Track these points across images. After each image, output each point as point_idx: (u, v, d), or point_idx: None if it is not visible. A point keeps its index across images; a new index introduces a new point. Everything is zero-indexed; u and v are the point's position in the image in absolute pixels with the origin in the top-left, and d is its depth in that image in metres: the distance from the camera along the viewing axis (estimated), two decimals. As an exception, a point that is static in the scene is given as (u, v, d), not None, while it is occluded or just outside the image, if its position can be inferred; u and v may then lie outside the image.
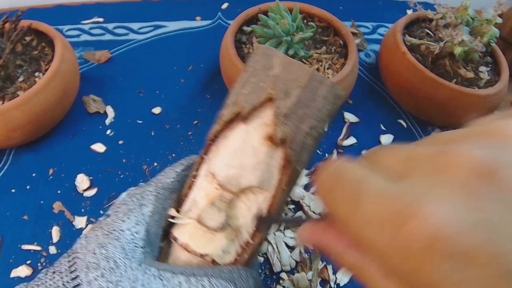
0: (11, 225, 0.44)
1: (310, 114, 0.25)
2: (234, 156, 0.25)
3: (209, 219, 0.25)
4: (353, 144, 0.54)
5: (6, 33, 0.47)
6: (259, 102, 0.25)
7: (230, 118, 0.26)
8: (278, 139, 0.25)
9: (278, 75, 0.25)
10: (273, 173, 0.26)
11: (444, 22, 0.53)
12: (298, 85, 0.25)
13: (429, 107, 0.53)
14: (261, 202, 0.26)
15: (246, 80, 0.26)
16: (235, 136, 0.26)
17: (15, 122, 0.44)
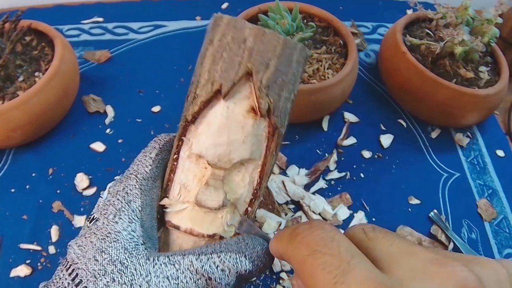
0: (10, 225, 0.44)
1: (288, 80, 0.26)
2: (219, 134, 0.25)
3: (208, 200, 0.25)
4: (353, 144, 0.53)
5: (6, 33, 0.47)
6: (238, 77, 0.24)
7: (208, 98, 0.25)
8: (263, 110, 0.25)
9: (253, 47, 0.25)
10: (261, 142, 0.26)
11: (444, 22, 0.53)
12: (275, 55, 0.25)
13: (429, 107, 0.53)
14: (252, 171, 0.27)
15: (217, 55, 0.25)
16: (215, 114, 0.25)
17: (15, 122, 0.44)
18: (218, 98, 0.25)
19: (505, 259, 0.19)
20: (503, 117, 0.60)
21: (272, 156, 0.27)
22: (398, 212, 0.48)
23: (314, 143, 0.53)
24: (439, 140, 0.56)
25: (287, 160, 0.51)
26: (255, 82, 0.25)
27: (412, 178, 0.51)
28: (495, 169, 0.54)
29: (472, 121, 0.55)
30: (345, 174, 0.51)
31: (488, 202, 0.50)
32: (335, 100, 0.51)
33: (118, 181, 0.26)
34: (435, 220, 0.47)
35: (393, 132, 0.55)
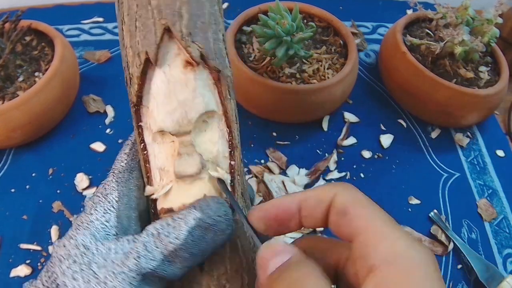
0: (10, 225, 0.44)
1: (206, 20, 0.25)
2: (168, 101, 0.25)
3: (187, 168, 0.25)
4: (353, 144, 0.53)
5: (6, 33, 0.47)
6: (158, 37, 0.24)
7: (142, 70, 0.24)
8: (196, 58, 0.24)
9: (158, 3, 0.24)
10: (211, 91, 0.26)
11: (444, 22, 0.53)
12: (183, 2, 0.24)
13: (429, 107, 0.53)
14: (218, 124, 0.26)
15: (131, 29, 0.25)
16: (157, 84, 0.25)
17: (15, 122, 0.44)
18: (151, 67, 0.25)
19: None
20: (503, 117, 0.60)
21: (228, 101, 0.26)
22: (398, 212, 0.48)
23: (314, 143, 0.53)
24: (439, 140, 0.56)
25: (287, 160, 0.51)
26: (176, 35, 0.24)
27: (412, 178, 0.51)
28: (495, 169, 0.54)
29: (472, 121, 0.55)
30: (345, 174, 0.51)
31: (488, 202, 0.50)
32: (335, 100, 0.51)
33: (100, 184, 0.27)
34: (435, 220, 0.47)
35: (393, 132, 0.55)
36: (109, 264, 0.22)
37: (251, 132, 0.53)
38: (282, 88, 0.47)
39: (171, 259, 0.22)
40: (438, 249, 0.46)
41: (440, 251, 0.45)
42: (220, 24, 0.26)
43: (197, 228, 0.22)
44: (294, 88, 0.47)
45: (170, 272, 0.22)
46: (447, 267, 0.44)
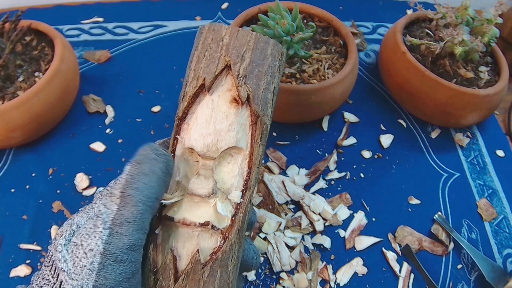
0: (10, 225, 0.44)
1: (264, 71, 0.29)
2: (207, 125, 0.28)
3: (199, 188, 0.27)
4: (353, 144, 0.53)
5: (6, 33, 0.47)
6: (218, 70, 0.28)
7: (195, 92, 0.28)
8: (243, 98, 0.28)
9: (229, 43, 0.28)
10: (245, 131, 0.28)
11: (444, 22, 0.53)
12: (248, 48, 0.28)
13: (429, 107, 0.53)
14: (241, 162, 0.28)
15: (200, 56, 0.29)
16: (203, 108, 0.28)
17: (15, 122, 0.44)
18: (203, 93, 0.28)
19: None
20: (503, 117, 0.60)
21: (257, 145, 0.28)
22: (398, 212, 0.48)
23: (314, 143, 0.53)
24: (439, 140, 0.56)
25: (287, 160, 0.51)
26: (233, 73, 0.28)
27: (412, 178, 0.51)
28: (495, 169, 0.54)
29: (472, 121, 0.55)
30: (345, 174, 0.51)
31: (488, 202, 0.50)
32: (335, 100, 0.51)
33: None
34: (440, 222, 0.47)
35: (393, 132, 0.55)
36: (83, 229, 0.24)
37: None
38: (282, 88, 0.47)
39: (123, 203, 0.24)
40: (438, 249, 0.46)
41: (440, 251, 0.45)
42: (275, 78, 0.30)
43: (132, 168, 0.25)
44: (294, 88, 0.47)
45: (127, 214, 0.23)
46: (447, 267, 0.44)
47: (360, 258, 0.44)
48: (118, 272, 0.22)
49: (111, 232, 0.23)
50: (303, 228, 0.46)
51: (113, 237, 0.23)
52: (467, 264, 0.45)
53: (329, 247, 0.45)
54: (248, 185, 0.28)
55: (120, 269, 0.23)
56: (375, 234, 0.46)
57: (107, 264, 0.22)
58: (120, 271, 0.23)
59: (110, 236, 0.23)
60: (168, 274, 0.25)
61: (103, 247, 0.22)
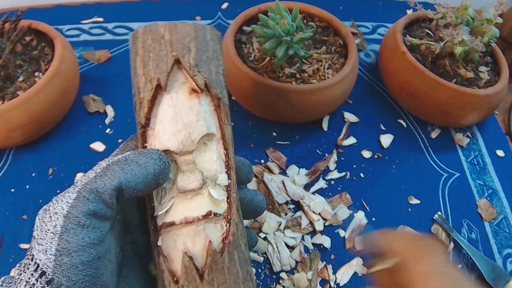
0: (10, 225, 0.44)
1: (210, 56, 0.29)
2: (174, 123, 0.28)
3: (190, 183, 0.27)
4: (353, 144, 0.53)
5: (6, 33, 0.47)
6: (169, 66, 0.28)
7: (153, 95, 0.28)
8: (201, 86, 0.28)
9: (171, 39, 0.28)
10: (212, 116, 0.29)
11: (444, 22, 0.53)
12: (191, 38, 0.29)
13: (429, 107, 0.53)
14: (216, 146, 0.29)
15: (145, 59, 0.28)
16: (164, 108, 0.28)
17: (15, 122, 0.44)
18: (161, 93, 0.28)
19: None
20: (503, 117, 0.60)
21: (226, 126, 0.29)
22: (398, 212, 0.48)
23: (314, 143, 0.53)
24: (439, 140, 0.56)
25: (287, 160, 0.51)
26: (185, 65, 0.28)
27: (412, 178, 0.51)
28: (495, 169, 0.54)
29: (472, 121, 0.55)
30: (345, 174, 0.51)
31: (488, 202, 0.50)
32: (335, 100, 0.51)
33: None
34: (440, 222, 0.47)
35: (393, 132, 0.55)
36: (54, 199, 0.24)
37: (251, 132, 0.53)
38: (282, 88, 0.47)
39: (102, 173, 0.24)
40: (438, 249, 0.46)
41: (440, 251, 0.45)
42: (220, 60, 0.30)
43: (131, 154, 0.26)
44: (294, 88, 0.47)
45: (100, 183, 0.24)
46: (447, 267, 0.45)
47: (360, 258, 0.44)
48: (81, 236, 0.22)
49: (78, 196, 0.23)
50: (303, 228, 0.46)
51: (78, 200, 0.23)
52: (467, 264, 0.45)
53: (329, 247, 0.45)
54: (229, 165, 0.29)
55: (83, 233, 0.22)
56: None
57: (69, 228, 0.22)
58: (83, 235, 0.22)
59: (76, 199, 0.23)
60: (192, 275, 0.25)
61: (67, 210, 0.23)
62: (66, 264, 0.22)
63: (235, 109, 0.54)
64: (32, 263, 0.22)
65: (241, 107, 0.54)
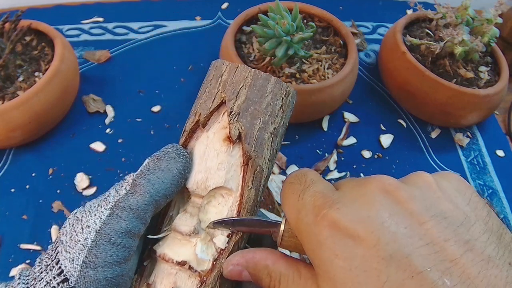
0: (10, 225, 0.44)
1: (261, 109, 0.27)
2: (200, 162, 0.27)
3: (182, 225, 0.26)
4: (353, 144, 0.53)
5: (6, 33, 0.47)
6: (214, 106, 0.27)
7: (191, 128, 0.28)
8: (234, 136, 0.26)
9: (227, 79, 0.27)
10: (237, 172, 0.27)
11: (444, 22, 0.53)
12: (245, 84, 0.27)
13: (429, 107, 0.53)
14: (231, 204, 0.27)
15: (202, 92, 0.28)
16: (199, 145, 0.27)
17: (15, 122, 0.44)
18: (200, 129, 0.28)
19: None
20: (503, 117, 0.60)
21: (248, 188, 0.26)
22: (398, 212, 0.48)
23: (314, 143, 0.53)
24: (439, 140, 0.56)
25: (287, 160, 0.51)
26: (226, 109, 0.27)
27: (412, 178, 0.51)
28: (495, 169, 0.54)
29: (472, 121, 0.55)
30: (345, 174, 0.51)
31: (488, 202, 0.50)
32: (335, 100, 0.51)
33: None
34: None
35: (393, 132, 0.55)
36: (87, 207, 0.25)
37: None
38: (282, 88, 0.47)
39: (132, 190, 0.24)
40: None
41: (440, 251, 0.45)
42: (276, 118, 0.28)
43: (150, 161, 0.26)
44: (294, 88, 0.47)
45: (132, 200, 0.24)
46: (447, 267, 0.44)
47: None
48: (110, 253, 0.23)
49: (112, 213, 0.23)
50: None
51: (112, 218, 0.23)
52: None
53: (329, 247, 0.45)
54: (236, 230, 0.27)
55: (112, 251, 0.23)
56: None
57: (100, 243, 0.23)
58: (112, 253, 0.23)
59: (109, 217, 0.23)
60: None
61: (100, 226, 0.23)
62: (91, 277, 0.22)
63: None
64: (56, 266, 0.23)
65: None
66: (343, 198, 0.21)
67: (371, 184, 0.21)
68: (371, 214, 0.19)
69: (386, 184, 0.21)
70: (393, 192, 0.20)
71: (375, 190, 0.21)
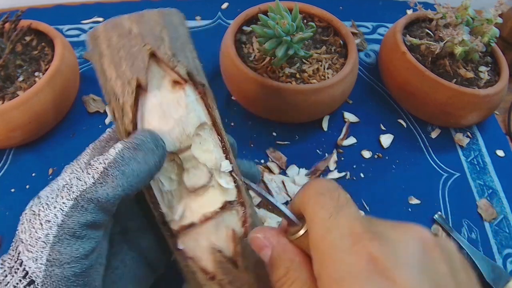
0: (10, 225, 0.43)
1: (183, 41, 0.27)
2: (164, 121, 0.25)
3: (197, 181, 0.26)
4: (353, 144, 0.53)
5: (6, 33, 0.47)
6: (147, 63, 0.25)
7: (135, 97, 0.25)
8: (185, 76, 0.26)
9: (140, 31, 0.26)
10: (199, 105, 0.27)
11: (444, 22, 0.53)
12: (161, 27, 0.26)
13: (429, 107, 0.53)
14: (210, 134, 0.27)
15: (115, 60, 0.25)
16: (149, 108, 0.25)
17: (15, 122, 0.44)
18: (143, 94, 0.25)
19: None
20: (503, 117, 0.60)
21: (214, 111, 0.28)
22: (398, 212, 0.48)
23: (314, 143, 0.53)
24: (439, 140, 0.56)
25: (287, 160, 0.51)
26: (162, 57, 0.25)
27: (412, 178, 0.51)
28: (495, 169, 0.54)
29: (472, 121, 0.55)
30: (345, 174, 0.51)
31: (488, 202, 0.50)
32: (335, 100, 0.51)
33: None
34: (440, 222, 0.47)
35: (393, 132, 0.55)
36: (44, 198, 0.22)
37: (251, 132, 0.53)
38: (282, 88, 0.47)
39: (102, 180, 0.22)
40: (438, 249, 0.46)
41: (440, 251, 0.45)
42: (191, 44, 0.28)
43: (125, 149, 0.23)
44: (294, 88, 0.47)
45: (101, 192, 0.21)
46: (447, 267, 0.44)
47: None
48: (75, 247, 0.21)
49: (75, 204, 0.21)
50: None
51: (75, 210, 0.21)
52: (467, 264, 0.45)
53: (329, 247, 0.45)
54: (227, 149, 0.28)
55: (77, 244, 0.21)
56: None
57: (63, 238, 0.21)
58: (77, 246, 0.21)
59: (73, 208, 0.21)
60: (226, 267, 0.25)
61: (62, 219, 0.21)
62: (57, 276, 0.21)
63: (235, 109, 0.54)
64: (20, 268, 0.21)
65: (241, 107, 0.54)
66: (384, 235, 0.20)
67: (412, 231, 0.21)
68: (411, 263, 0.19)
69: (428, 239, 0.20)
70: (431, 248, 0.20)
71: (414, 240, 0.20)
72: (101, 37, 0.26)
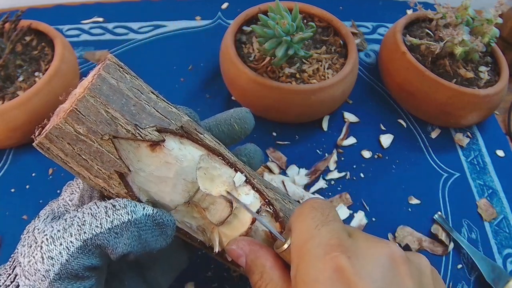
0: (10, 225, 0.44)
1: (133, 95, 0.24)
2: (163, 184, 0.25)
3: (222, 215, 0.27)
4: (353, 144, 0.53)
5: (6, 33, 0.47)
6: (115, 152, 0.23)
7: (124, 184, 0.24)
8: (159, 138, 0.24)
9: (88, 128, 0.22)
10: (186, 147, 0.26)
11: (444, 22, 0.53)
12: (103, 106, 0.22)
13: (429, 107, 0.53)
14: (209, 161, 0.27)
15: (84, 165, 0.23)
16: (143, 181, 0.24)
17: (15, 122, 0.44)
18: (128, 176, 0.24)
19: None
20: (503, 117, 0.60)
21: (204, 137, 0.27)
22: (398, 212, 0.48)
23: (314, 143, 0.53)
24: (439, 140, 0.56)
25: (287, 160, 0.51)
26: (126, 137, 0.23)
27: (412, 178, 0.51)
28: (495, 169, 0.54)
29: (472, 121, 0.55)
30: (345, 174, 0.51)
31: (488, 202, 0.50)
32: (335, 100, 0.51)
33: None
34: (440, 222, 0.47)
35: (393, 132, 0.55)
36: (48, 229, 0.21)
37: (251, 132, 0.53)
38: (282, 88, 0.47)
39: (119, 231, 0.21)
40: (438, 249, 0.46)
41: (440, 251, 0.45)
42: (145, 88, 0.25)
43: (151, 217, 0.22)
44: (294, 88, 0.47)
45: (113, 243, 0.21)
46: (447, 267, 0.44)
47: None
48: (76, 286, 0.20)
49: (84, 246, 0.20)
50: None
51: (82, 252, 0.20)
52: (467, 264, 0.45)
53: (329, 247, 0.45)
54: (231, 162, 0.28)
55: (77, 284, 0.21)
56: (375, 234, 0.46)
57: (64, 277, 0.20)
58: (78, 285, 0.20)
59: (80, 250, 0.20)
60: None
61: (67, 258, 0.20)
62: None
63: (235, 109, 0.54)
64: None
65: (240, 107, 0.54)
66: (356, 249, 0.22)
67: (383, 248, 0.22)
68: (375, 277, 0.21)
69: (397, 255, 0.22)
70: (399, 264, 0.22)
71: (384, 255, 0.22)
72: (53, 148, 0.23)
